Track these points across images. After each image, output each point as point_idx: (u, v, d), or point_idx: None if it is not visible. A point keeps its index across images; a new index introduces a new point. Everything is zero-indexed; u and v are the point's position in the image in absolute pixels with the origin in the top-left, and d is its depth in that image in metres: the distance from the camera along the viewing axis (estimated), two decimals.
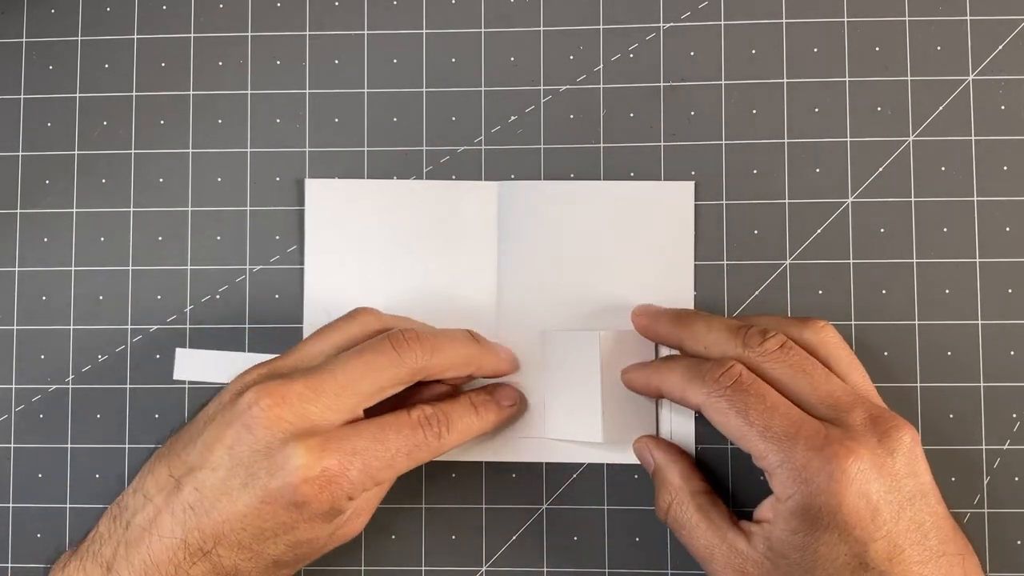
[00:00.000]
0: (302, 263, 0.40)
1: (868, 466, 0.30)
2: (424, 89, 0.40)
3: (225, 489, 0.31)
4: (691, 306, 0.38)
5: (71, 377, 0.40)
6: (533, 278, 0.39)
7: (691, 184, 0.39)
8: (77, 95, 0.41)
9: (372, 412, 0.34)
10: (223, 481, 0.31)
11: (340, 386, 0.32)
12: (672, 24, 0.40)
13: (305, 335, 0.38)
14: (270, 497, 0.31)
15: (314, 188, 0.39)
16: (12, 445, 0.39)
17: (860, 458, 0.30)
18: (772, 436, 0.31)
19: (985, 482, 0.37)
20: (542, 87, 0.40)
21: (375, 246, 0.39)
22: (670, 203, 0.39)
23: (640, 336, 0.37)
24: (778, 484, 0.31)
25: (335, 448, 0.32)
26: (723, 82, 0.39)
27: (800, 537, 0.30)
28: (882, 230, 0.38)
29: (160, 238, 0.40)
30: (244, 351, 0.39)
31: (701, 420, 0.38)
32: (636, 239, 0.39)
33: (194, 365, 0.39)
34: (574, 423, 0.37)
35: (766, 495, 0.32)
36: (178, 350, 0.39)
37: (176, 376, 0.39)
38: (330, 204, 0.39)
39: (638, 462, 0.38)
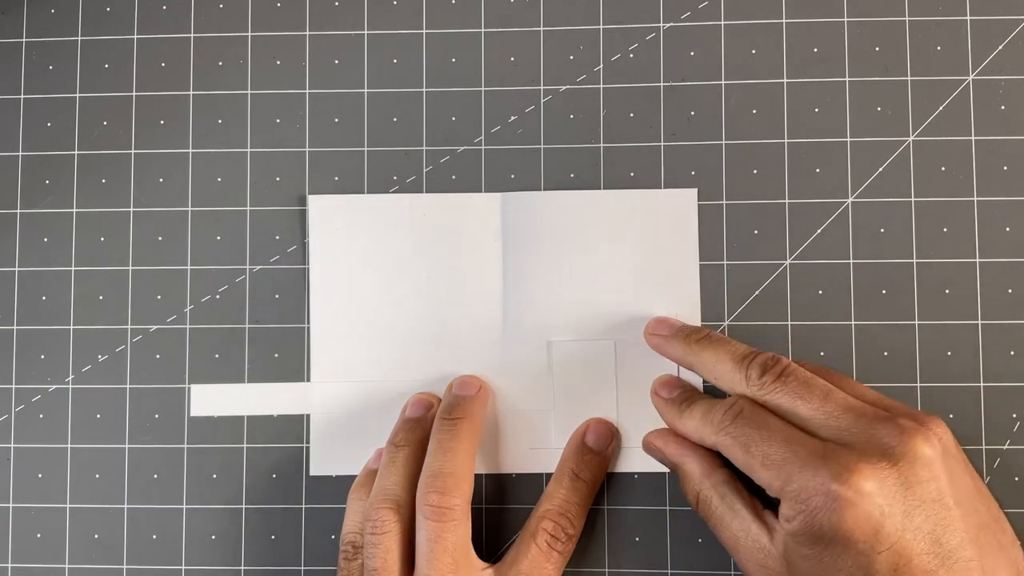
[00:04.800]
0: (302, 263, 0.40)
1: (868, 482, 0.29)
2: (424, 89, 0.40)
3: None
4: (698, 313, 0.38)
5: (71, 377, 0.40)
6: (539, 289, 0.39)
7: (694, 191, 0.39)
8: (77, 95, 0.41)
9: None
10: None
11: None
12: (672, 24, 0.40)
13: (314, 355, 0.39)
14: None
15: (317, 205, 0.39)
16: (12, 445, 0.39)
17: (858, 475, 0.29)
18: (771, 464, 0.31)
19: (985, 482, 0.37)
20: (542, 87, 0.40)
21: (380, 261, 0.39)
22: (674, 210, 0.39)
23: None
24: (784, 508, 0.31)
25: None
26: (723, 82, 0.39)
27: (807, 549, 0.30)
28: (882, 230, 0.38)
29: (160, 238, 0.40)
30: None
31: None
32: (641, 247, 0.38)
33: (210, 399, 0.39)
34: None
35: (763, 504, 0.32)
36: (193, 387, 0.39)
37: (193, 413, 0.39)
38: (333, 220, 0.39)
39: (641, 470, 0.38)
